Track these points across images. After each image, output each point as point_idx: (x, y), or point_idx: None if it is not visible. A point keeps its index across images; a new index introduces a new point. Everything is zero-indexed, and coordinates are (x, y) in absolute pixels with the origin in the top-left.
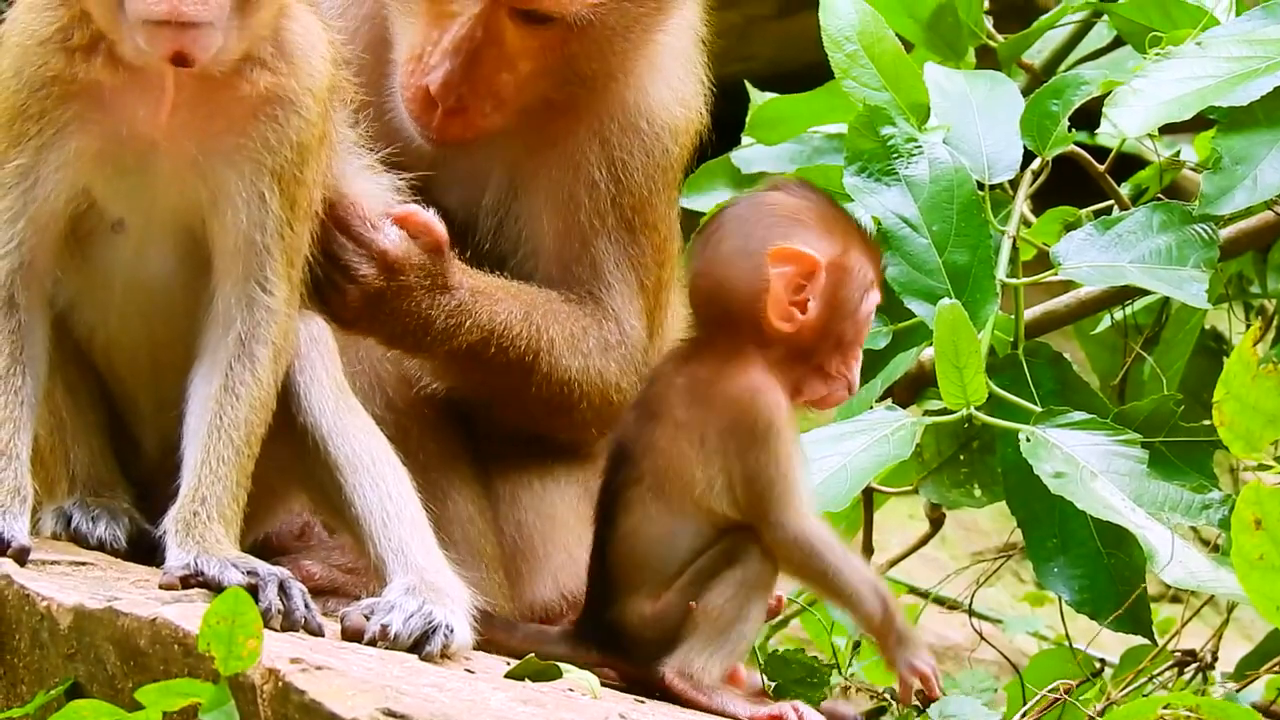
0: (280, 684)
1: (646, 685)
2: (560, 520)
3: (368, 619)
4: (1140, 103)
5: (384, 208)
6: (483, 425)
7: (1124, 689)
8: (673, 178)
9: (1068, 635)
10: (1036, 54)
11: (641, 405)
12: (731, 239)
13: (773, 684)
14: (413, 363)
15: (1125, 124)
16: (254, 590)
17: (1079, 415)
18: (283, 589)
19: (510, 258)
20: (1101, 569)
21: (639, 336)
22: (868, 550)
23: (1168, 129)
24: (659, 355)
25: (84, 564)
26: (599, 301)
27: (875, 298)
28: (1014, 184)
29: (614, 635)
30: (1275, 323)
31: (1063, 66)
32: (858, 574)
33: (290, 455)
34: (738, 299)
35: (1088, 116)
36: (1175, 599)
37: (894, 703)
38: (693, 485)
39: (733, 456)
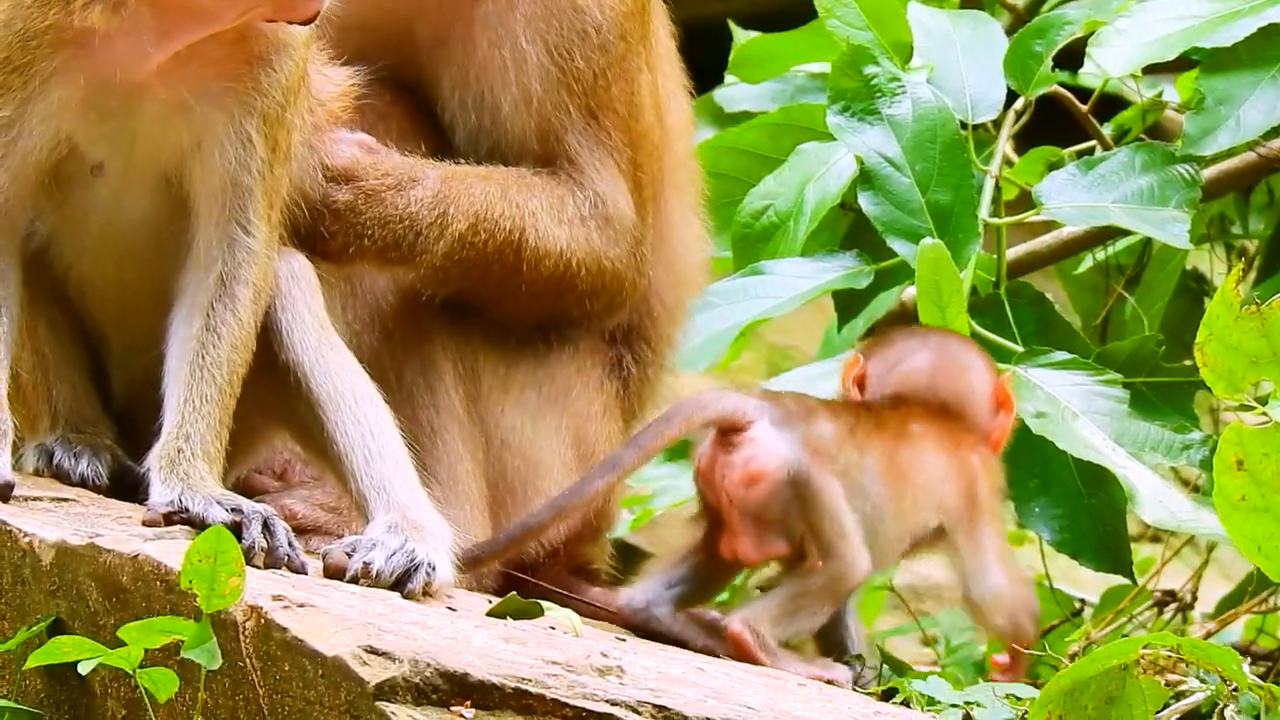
0: (262, 621)
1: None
2: (545, 466)
3: (350, 556)
4: (1124, 43)
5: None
6: (481, 361)
7: (1104, 628)
8: (621, 59)
9: (1048, 575)
10: None
11: None
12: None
13: None
14: (412, 277)
15: (1108, 64)
16: (238, 528)
17: (1060, 355)
18: (266, 526)
19: (480, 150)
20: (1082, 509)
21: (624, 213)
22: None
23: (1151, 69)
24: (669, 248)
25: (66, 500)
26: (569, 175)
27: None
28: (997, 124)
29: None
30: (1257, 263)
31: (1046, 6)
32: None
33: (272, 393)
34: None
35: (1071, 56)
36: (1155, 539)
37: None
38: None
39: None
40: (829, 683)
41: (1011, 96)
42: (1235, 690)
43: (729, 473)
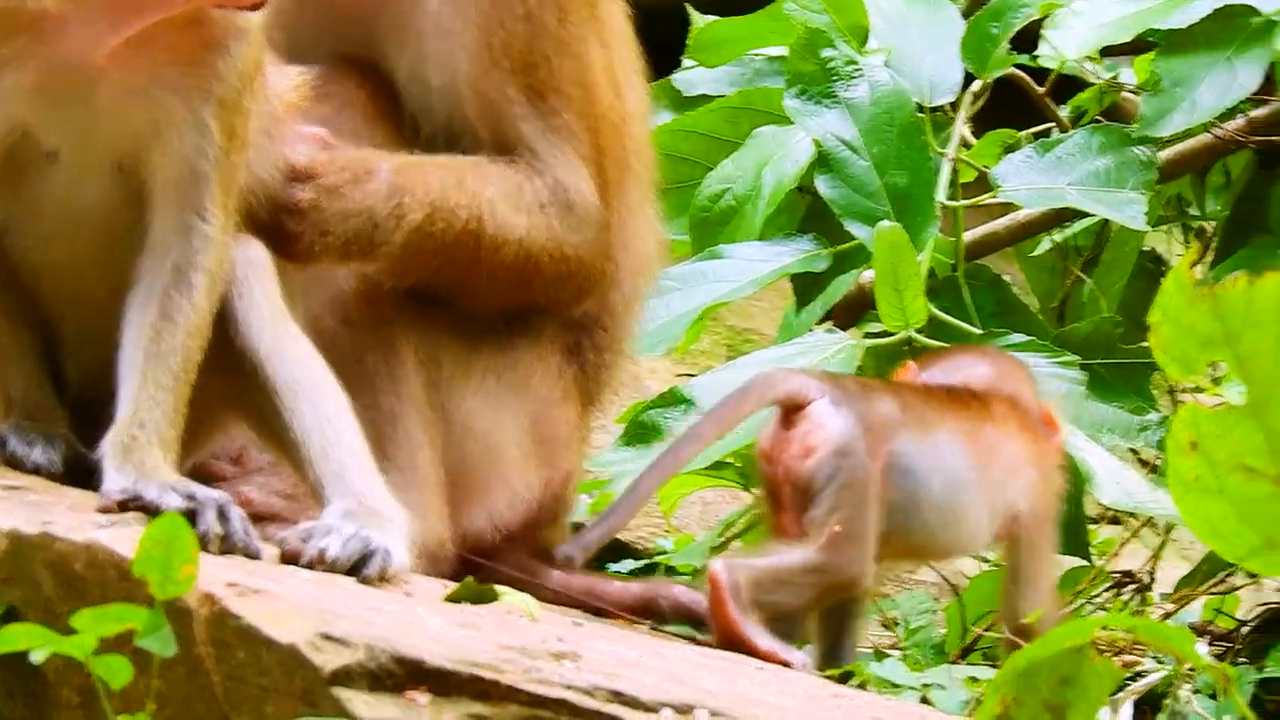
0: (216, 608)
1: None
2: (504, 453)
3: (305, 543)
4: (1080, 25)
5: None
6: (442, 347)
7: (1062, 610)
8: (564, 37)
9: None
10: None
11: None
12: None
13: None
14: (374, 270)
15: (1065, 46)
16: (192, 514)
17: (1018, 337)
18: (221, 513)
19: (444, 137)
20: None
21: (586, 199)
22: None
23: (1107, 51)
24: (628, 234)
25: (19, 488)
26: (528, 162)
27: None
28: (954, 106)
29: None
30: (1214, 245)
31: None
32: None
33: (228, 380)
34: None
35: (1028, 39)
36: (1114, 520)
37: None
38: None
39: None
40: (784, 664)
41: (968, 79)
42: (1191, 671)
43: (788, 448)
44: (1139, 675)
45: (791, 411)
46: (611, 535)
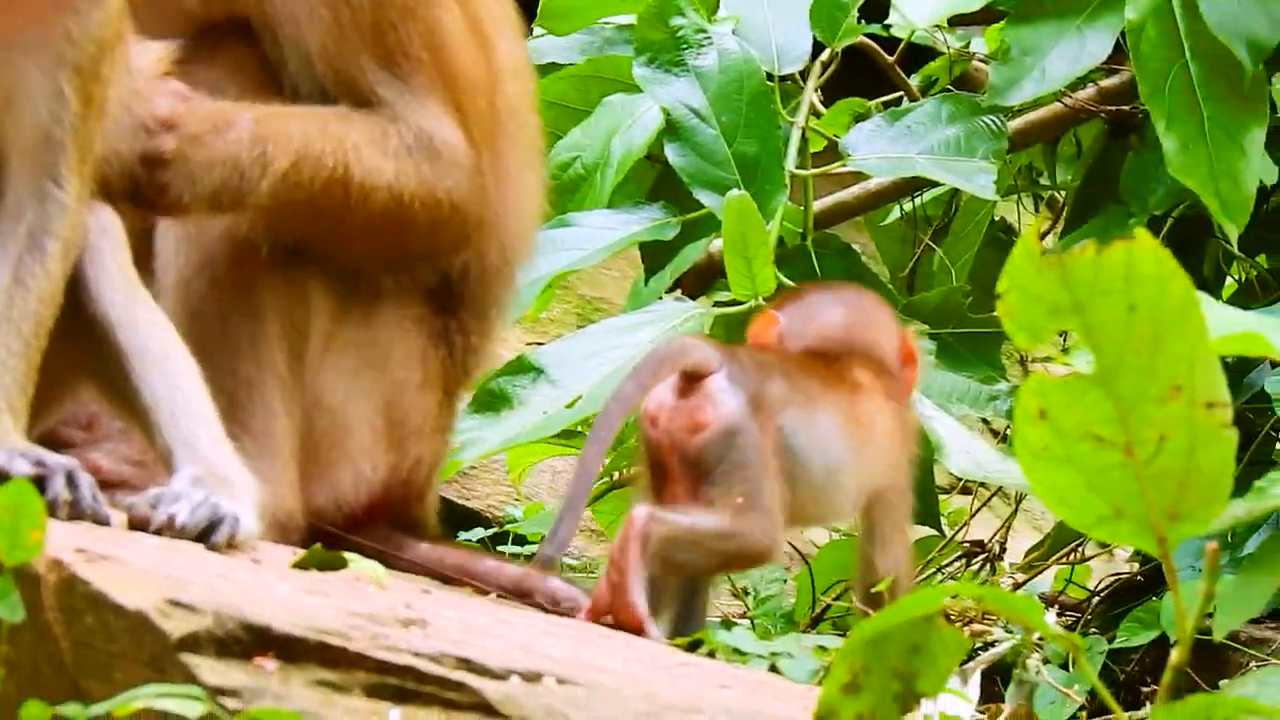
0: (65, 574)
1: None
2: (354, 431)
3: (154, 509)
4: None
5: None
6: (307, 318)
7: (915, 579)
8: (413, 7)
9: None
10: None
11: None
12: None
13: None
14: (247, 224)
15: (914, 14)
16: (41, 481)
17: None
18: (70, 479)
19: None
20: None
21: (453, 145)
22: None
23: (957, 20)
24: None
25: None
26: (384, 107)
27: None
28: (803, 75)
29: None
30: (1064, 214)
31: None
32: None
33: (79, 347)
34: None
35: (878, 7)
36: (965, 490)
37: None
38: None
39: None
40: (637, 633)
41: (818, 48)
42: (1041, 641)
43: (676, 417)
44: (989, 645)
45: (688, 381)
46: (577, 520)
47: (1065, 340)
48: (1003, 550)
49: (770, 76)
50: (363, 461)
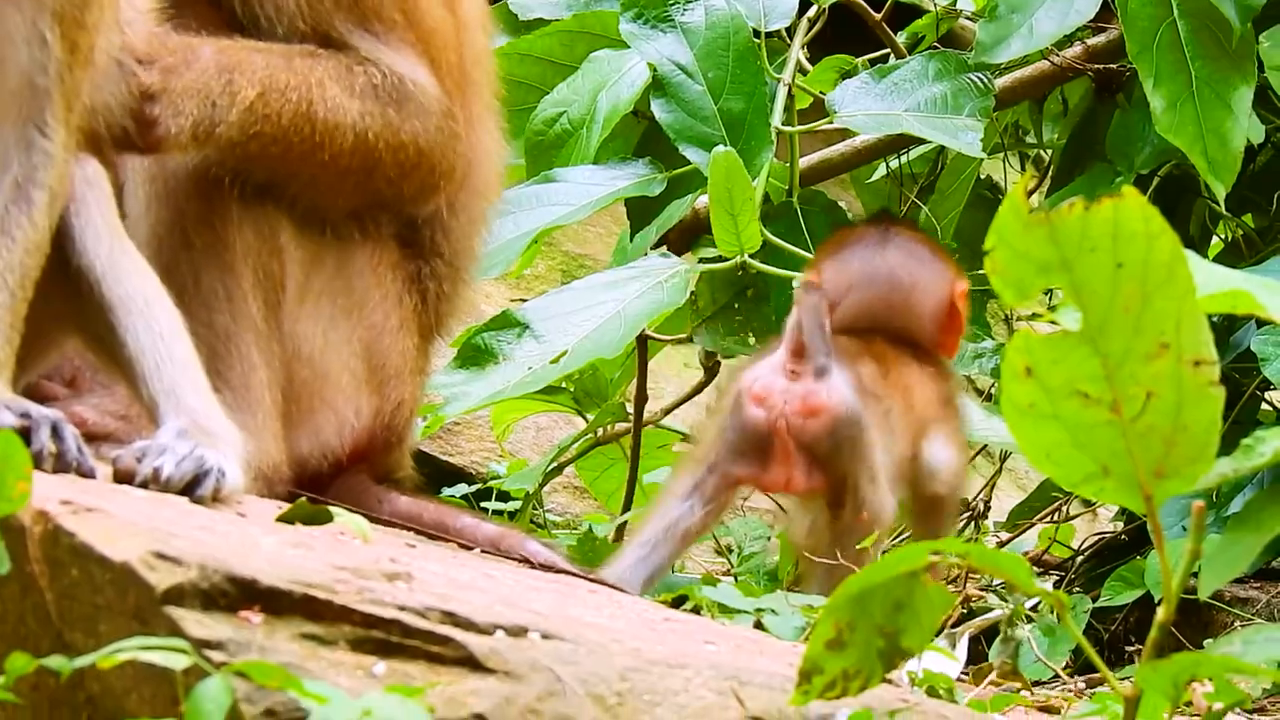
0: (50, 526)
1: None
2: (333, 378)
3: (139, 462)
4: None
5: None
6: (280, 268)
7: (896, 537)
8: None
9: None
10: None
11: None
12: None
13: None
14: (218, 159)
15: None
16: (26, 432)
17: None
18: (55, 431)
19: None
20: None
21: (424, 88)
22: (642, 398)
23: None
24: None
25: None
26: (352, 49)
27: None
28: (790, 31)
29: None
30: (1050, 172)
31: None
32: None
33: (64, 299)
34: None
35: None
36: None
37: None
38: None
39: None
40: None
41: (805, 4)
42: (1025, 599)
43: (789, 400)
44: (971, 603)
45: (797, 360)
46: None
47: (1052, 298)
48: (987, 509)
49: (757, 33)
50: (345, 407)
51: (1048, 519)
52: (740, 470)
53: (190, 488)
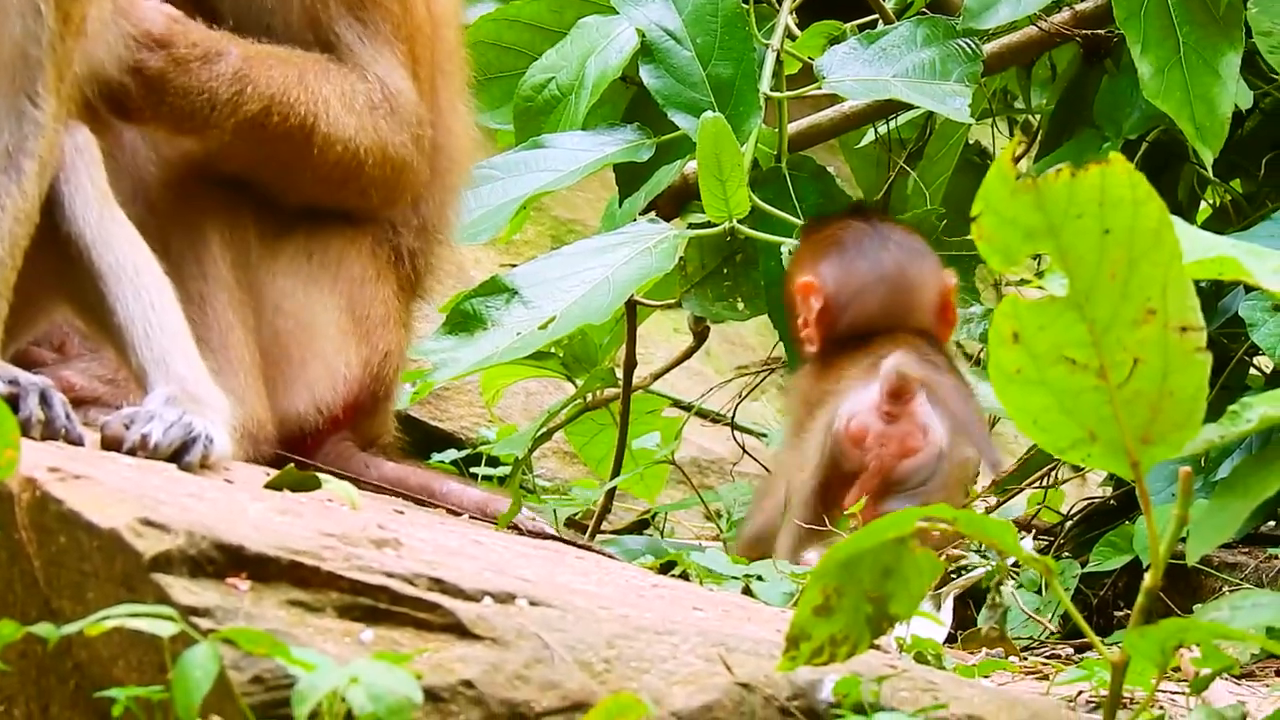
0: (38, 493)
1: None
2: (319, 330)
3: (127, 428)
4: None
5: None
6: (250, 229)
7: None
8: None
9: None
10: None
11: None
12: None
13: None
14: (192, 146)
15: None
16: (14, 400)
17: None
18: (43, 398)
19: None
20: None
21: (408, 101)
22: (631, 364)
23: None
24: (440, 132)
25: None
26: (358, 65)
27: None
28: None
29: None
30: (1038, 138)
31: None
32: None
33: (53, 266)
34: None
35: None
36: None
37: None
38: None
39: None
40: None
41: None
42: (1014, 565)
43: (887, 442)
44: (963, 569)
45: (894, 402)
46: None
47: (1039, 263)
48: (976, 475)
49: None
50: (335, 359)
51: (1036, 484)
52: (823, 503)
53: (178, 454)
